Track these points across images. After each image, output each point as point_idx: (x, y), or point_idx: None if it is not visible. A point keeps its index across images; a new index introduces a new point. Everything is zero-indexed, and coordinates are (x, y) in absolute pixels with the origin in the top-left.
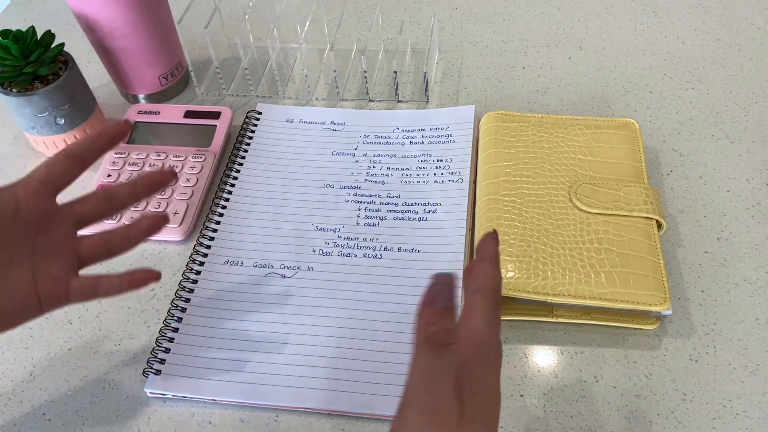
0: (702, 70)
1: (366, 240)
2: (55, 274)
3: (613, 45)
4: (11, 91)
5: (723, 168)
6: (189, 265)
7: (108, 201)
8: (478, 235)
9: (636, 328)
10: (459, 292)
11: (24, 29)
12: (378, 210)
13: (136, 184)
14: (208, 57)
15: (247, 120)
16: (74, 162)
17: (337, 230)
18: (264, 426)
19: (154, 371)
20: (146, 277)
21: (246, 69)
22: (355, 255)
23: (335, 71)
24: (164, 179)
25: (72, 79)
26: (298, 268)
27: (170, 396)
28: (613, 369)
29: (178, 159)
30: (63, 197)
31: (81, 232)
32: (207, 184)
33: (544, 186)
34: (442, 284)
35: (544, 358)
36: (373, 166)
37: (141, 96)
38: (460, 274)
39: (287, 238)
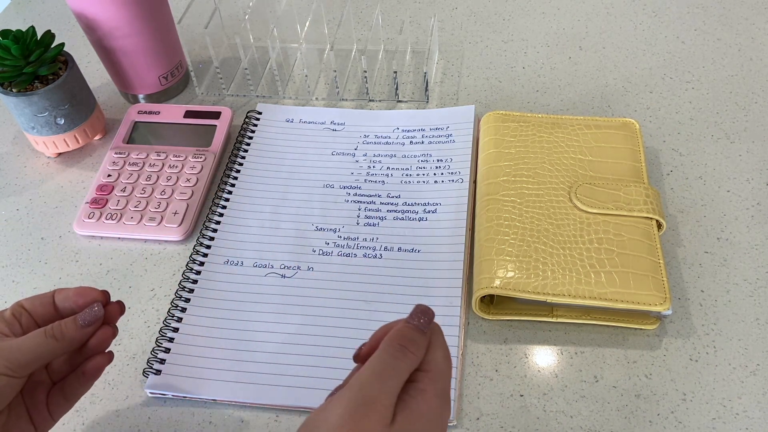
0: (702, 70)
1: (366, 240)
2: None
3: (613, 45)
4: (11, 91)
5: (723, 168)
6: (189, 265)
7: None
8: (479, 235)
9: (636, 328)
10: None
11: (24, 29)
12: (378, 210)
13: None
14: (208, 57)
15: (247, 120)
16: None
17: (337, 230)
18: (264, 426)
19: (154, 371)
20: (102, 338)
21: (246, 69)
22: (355, 255)
23: (335, 71)
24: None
25: (72, 79)
26: (298, 268)
27: (170, 396)
28: (613, 369)
29: (178, 159)
30: None
31: None
32: (207, 184)
33: (544, 186)
34: (425, 312)
35: (544, 358)
36: (373, 166)
37: (141, 96)
38: (459, 274)
39: (287, 238)
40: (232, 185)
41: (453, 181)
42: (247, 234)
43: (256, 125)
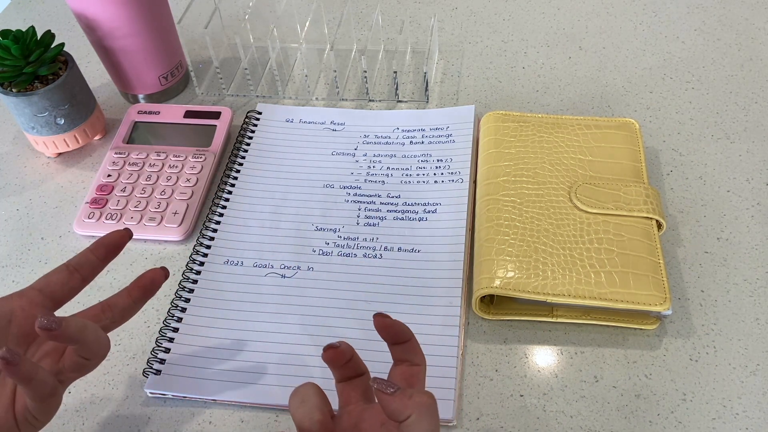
0: (702, 70)
1: (366, 240)
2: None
3: (613, 45)
4: (11, 91)
5: (723, 168)
6: (189, 265)
7: (105, 311)
8: (479, 235)
9: (636, 328)
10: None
11: (24, 29)
12: (378, 210)
13: (131, 291)
14: (208, 57)
15: (247, 120)
16: (73, 273)
17: (337, 230)
18: (264, 426)
19: (154, 371)
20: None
21: (246, 69)
22: (355, 255)
23: (335, 71)
24: (157, 277)
25: (72, 79)
26: (298, 268)
27: (170, 396)
28: (613, 369)
29: (178, 159)
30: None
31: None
32: (207, 184)
33: (544, 186)
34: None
35: (544, 358)
36: (373, 166)
37: (141, 96)
38: (459, 274)
39: (287, 238)
40: (232, 185)
41: (453, 181)
42: (247, 234)
43: (256, 125)
